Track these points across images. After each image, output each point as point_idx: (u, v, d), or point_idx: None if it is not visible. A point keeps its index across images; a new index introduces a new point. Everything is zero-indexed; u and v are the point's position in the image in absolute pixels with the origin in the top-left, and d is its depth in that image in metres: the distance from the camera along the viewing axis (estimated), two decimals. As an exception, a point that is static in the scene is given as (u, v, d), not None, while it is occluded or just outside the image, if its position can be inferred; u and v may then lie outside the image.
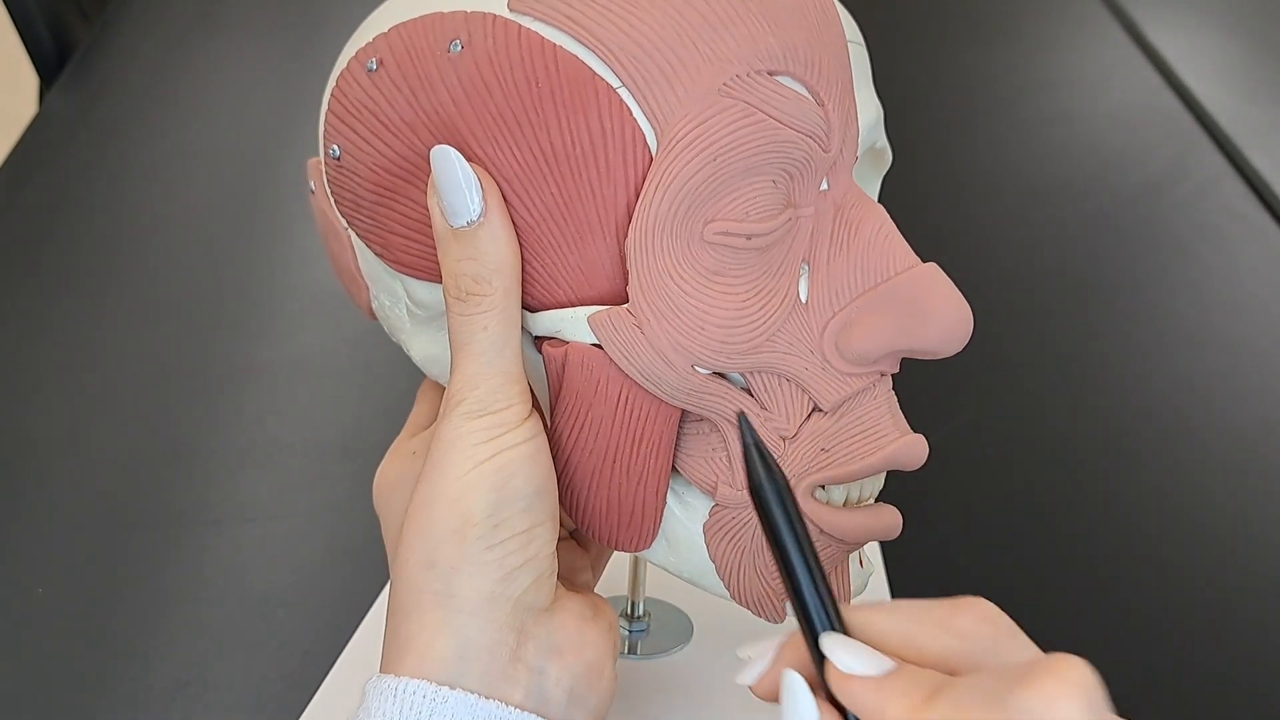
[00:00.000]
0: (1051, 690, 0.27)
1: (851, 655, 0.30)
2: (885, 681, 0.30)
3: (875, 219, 0.37)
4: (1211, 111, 1.00)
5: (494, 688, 0.36)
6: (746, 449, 0.32)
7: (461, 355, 0.37)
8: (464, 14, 0.36)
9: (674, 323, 0.35)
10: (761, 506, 0.32)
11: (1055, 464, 0.68)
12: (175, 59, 1.09)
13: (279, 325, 0.77)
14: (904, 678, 0.30)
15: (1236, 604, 0.60)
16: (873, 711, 0.29)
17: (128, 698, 0.54)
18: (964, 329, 0.36)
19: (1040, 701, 0.27)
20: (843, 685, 0.30)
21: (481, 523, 0.36)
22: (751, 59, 0.35)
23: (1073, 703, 0.27)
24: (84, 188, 0.91)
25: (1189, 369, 0.76)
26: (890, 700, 0.29)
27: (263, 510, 0.63)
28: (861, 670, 0.30)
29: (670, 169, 0.34)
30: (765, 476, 0.32)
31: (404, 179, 0.37)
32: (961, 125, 1.02)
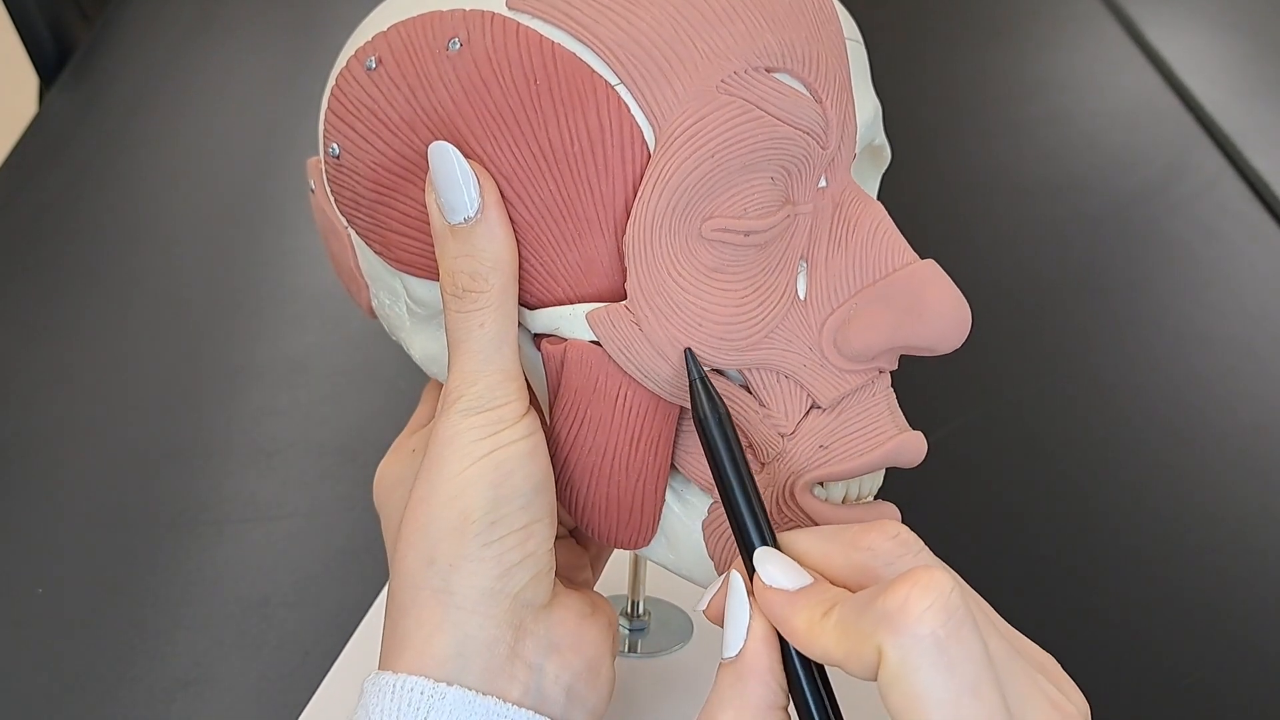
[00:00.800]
0: (904, 592, 0.29)
1: (776, 569, 0.33)
2: (797, 595, 0.33)
3: (873, 216, 0.37)
4: (1211, 111, 1.00)
5: (492, 684, 0.36)
6: (692, 382, 0.36)
7: (458, 352, 0.37)
8: (463, 12, 0.36)
9: (672, 320, 0.35)
10: (705, 435, 0.35)
11: (1055, 463, 0.68)
12: (175, 59, 1.09)
13: (279, 325, 0.77)
14: (812, 592, 0.32)
15: (1237, 605, 0.60)
16: (783, 620, 0.32)
17: (128, 698, 0.54)
18: (962, 325, 0.36)
19: (894, 603, 0.29)
20: (763, 596, 0.33)
21: (479, 519, 0.36)
22: (749, 56, 0.35)
23: (923, 602, 0.29)
24: (84, 188, 0.91)
25: (1189, 369, 0.76)
26: (797, 611, 0.32)
27: (263, 510, 0.63)
28: (782, 583, 0.33)
29: (668, 166, 0.34)
30: (709, 407, 0.35)
31: (403, 177, 0.37)
32: (961, 124, 1.02)
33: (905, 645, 0.29)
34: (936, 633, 0.29)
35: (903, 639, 0.29)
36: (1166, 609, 0.60)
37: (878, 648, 0.29)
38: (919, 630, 0.29)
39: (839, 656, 0.31)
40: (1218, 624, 0.59)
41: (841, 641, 0.31)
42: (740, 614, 0.33)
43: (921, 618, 0.29)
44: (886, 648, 0.29)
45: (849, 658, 0.30)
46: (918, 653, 0.29)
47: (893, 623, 0.29)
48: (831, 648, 0.31)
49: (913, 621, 0.29)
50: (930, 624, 0.29)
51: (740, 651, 0.33)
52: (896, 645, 0.29)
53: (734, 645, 0.33)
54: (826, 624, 0.31)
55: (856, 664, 0.30)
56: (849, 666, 0.30)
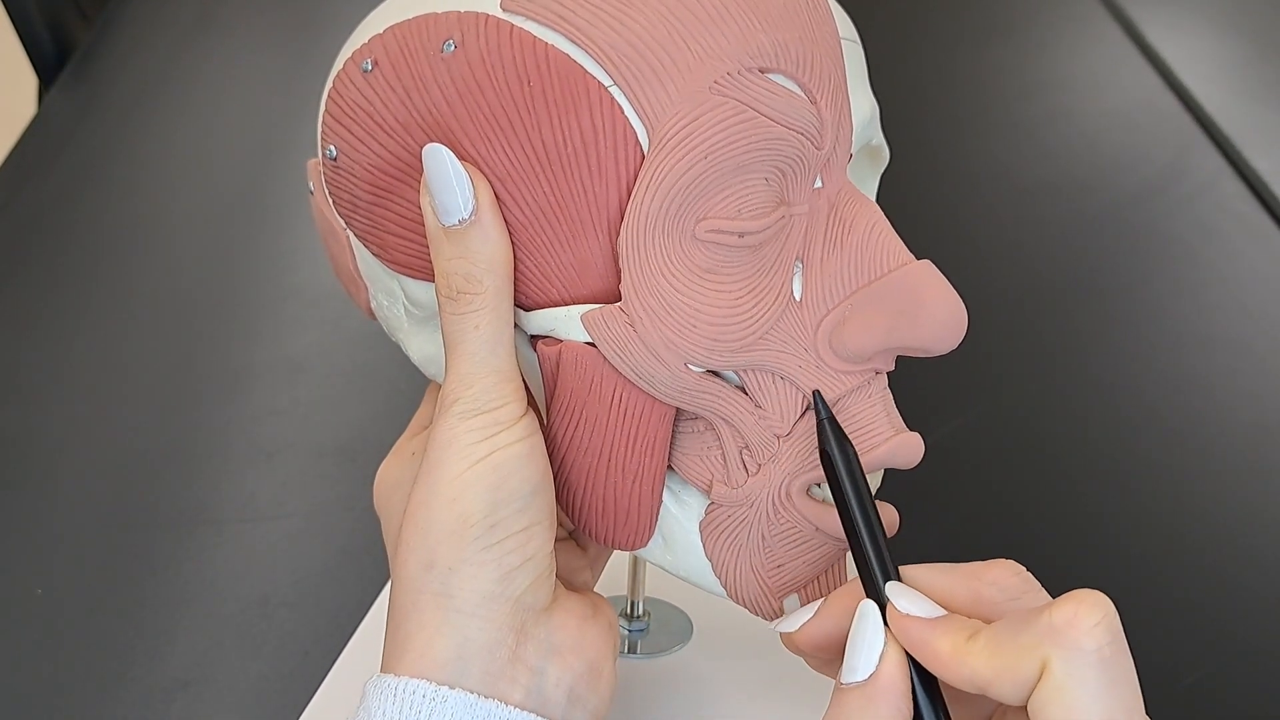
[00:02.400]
0: (1073, 608, 0.30)
1: (910, 600, 0.34)
2: (936, 622, 0.34)
3: (869, 216, 0.37)
4: (1210, 112, 1.00)
5: (493, 688, 0.36)
6: (820, 424, 0.37)
7: (454, 355, 0.37)
8: (457, 14, 0.36)
9: (666, 321, 0.35)
10: (832, 473, 0.37)
11: (1054, 462, 0.69)
12: (175, 59, 1.09)
13: (279, 325, 0.77)
14: (951, 619, 0.34)
15: (1237, 605, 0.60)
16: (924, 645, 0.33)
17: (128, 698, 0.54)
18: (958, 326, 0.36)
19: (1063, 617, 0.30)
20: (901, 623, 0.34)
21: (479, 523, 0.36)
22: (743, 56, 0.35)
23: (1092, 619, 0.30)
24: (83, 188, 0.91)
25: (1188, 368, 0.76)
26: (939, 636, 0.33)
27: (263, 510, 0.63)
28: (918, 612, 0.34)
29: (661, 167, 0.34)
30: (836, 446, 0.36)
31: (399, 179, 0.37)
32: (960, 124, 1.02)
33: (1072, 659, 0.30)
34: (1103, 650, 0.30)
35: (1071, 653, 0.30)
36: (1166, 609, 0.60)
37: (1041, 662, 0.30)
38: (1087, 645, 0.30)
39: (988, 676, 0.31)
40: (1218, 624, 0.59)
41: (993, 660, 0.31)
42: (875, 640, 0.34)
43: (1091, 633, 0.30)
44: (1054, 661, 0.30)
45: (1001, 675, 0.31)
46: (1084, 667, 0.30)
47: (1061, 637, 0.30)
48: (981, 668, 0.32)
49: (1082, 636, 0.30)
50: (1098, 640, 0.30)
51: (874, 674, 0.34)
52: (1064, 659, 0.30)
53: (865, 669, 0.34)
54: (974, 646, 0.32)
55: (1010, 681, 0.31)
56: (999, 685, 0.31)
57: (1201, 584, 0.61)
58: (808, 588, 0.40)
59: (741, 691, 0.51)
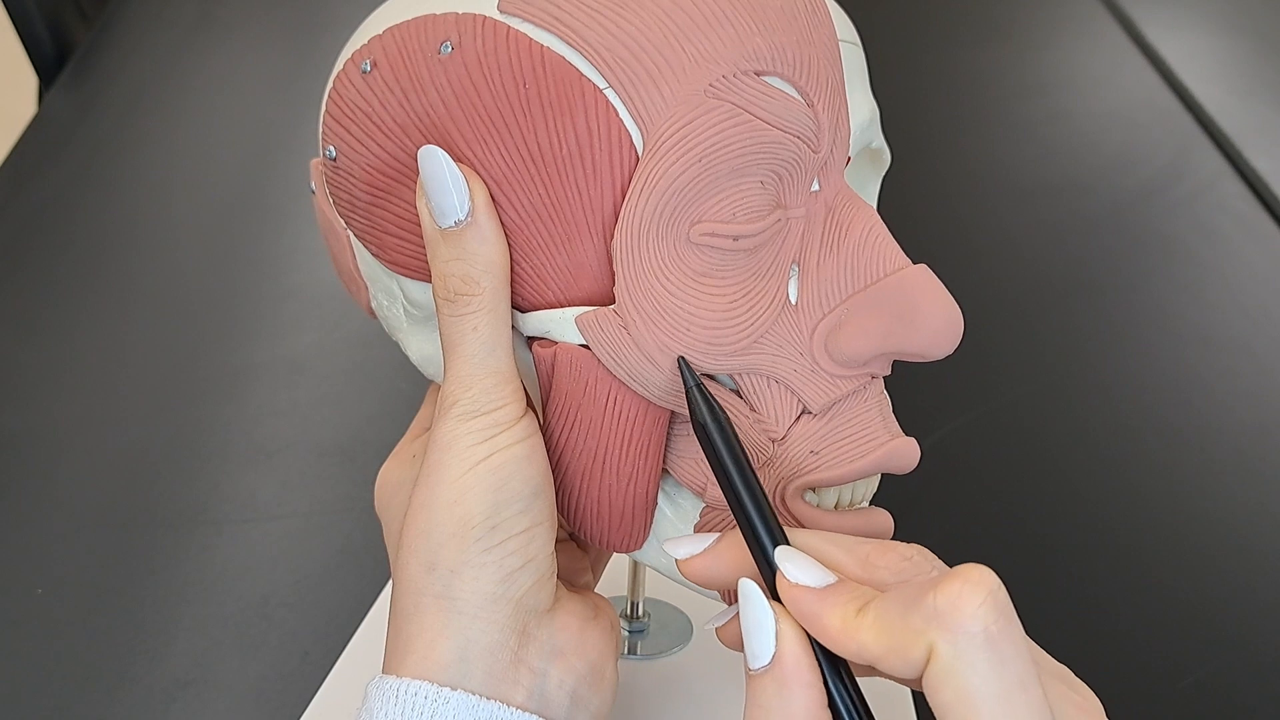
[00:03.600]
0: (956, 589, 0.29)
1: (800, 568, 0.33)
2: (826, 592, 0.32)
3: (865, 220, 0.37)
4: (1210, 111, 1.00)
5: (495, 689, 0.36)
6: (689, 388, 0.36)
7: (453, 356, 0.37)
8: (455, 15, 0.36)
9: (660, 324, 0.35)
10: (706, 441, 0.35)
11: (1050, 467, 0.69)
12: (175, 59, 1.09)
13: (279, 325, 0.77)
14: (842, 590, 0.32)
15: (1237, 604, 0.61)
16: (814, 617, 0.32)
17: (128, 698, 0.54)
18: (954, 332, 0.36)
19: (946, 600, 0.29)
20: (790, 593, 0.33)
21: (480, 525, 0.36)
22: (739, 60, 0.35)
23: (976, 599, 0.29)
24: (83, 188, 0.91)
25: (1188, 368, 0.76)
26: (829, 608, 0.32)
27: (263, 510, 0.63)
28: (808, 581, 0.33)
29: (656, 170, 0.34)
30: (708, 414, 0.35)
31: (397, 180, 0.37)
32: (960, 125, 1.02)
33: (959, 642, 0.29)
34: (989, 629, 0.29)
35: (956, 635, 0.29)
36: (1166, 609, 0.60)
37: (928, 645, 0.29)
38: (972, 627, 0.29)
39: (877, 653, 0.30)
40: (1218, 624, 0.59)
41: (882, 638, 0.30)
42: (764, 620, 0.32)
43: (975, 614, 0.29)
44: (939, 644, 0.29)
45: (890, 654, 0.30)
46: (971, 649, 0.29)
47: (945, 619, 0.29)
48: (870, 644, 0.31)
49: (966, 618, 0.29)
50: (983, 620, 0.29)
51: (776, 657, 0.32)
52: (950, 642, 0.29)
53: (764, 653, 0.32)
54: (863, 621, 0.31)
55: (899, 661, 0.30)
56: (888, 663, 0.30)
57: (1201, 584, 0.61)
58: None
59: (741, 692, 0.51)
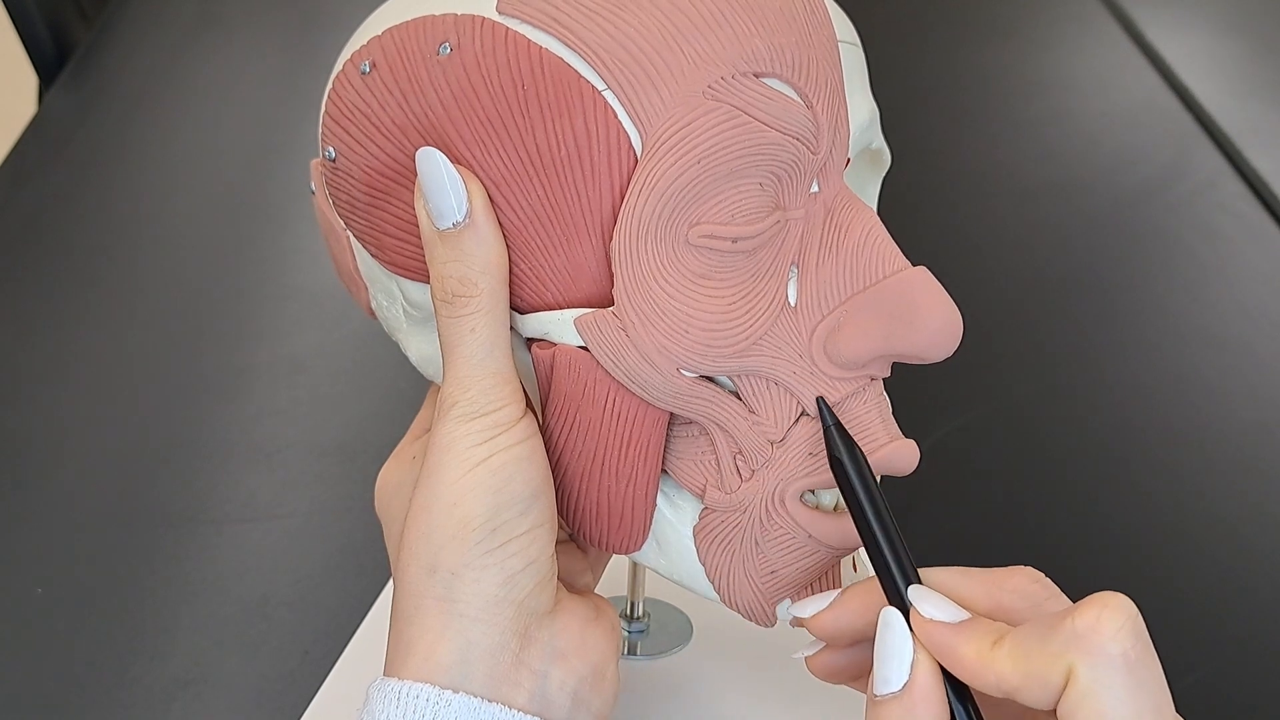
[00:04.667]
0: (1097, 612, 0.30)
1: (933, 604, 0.34)
2: (960, 626, 0.33)
3: (864, 221, 0.37)
4: (1210, 111, 1.00)
5: (497, 691, 0.36)
6: (826, 429, 0.37)
7: (452, 358, 0.37)
8: (454, 17, 0.36)
9: (658, 326, 0.35)
10: (844, 478, 0.36)
11: (1051, 467, 0.68)
12: (175, 59, 1.09)
13: (279, 325, 0.77)
14: (975, 624, 0.33)
15: (1237, 604, 0.60)
16: (949, 650, 0.33)
17: (128, 697, 0.54)
18: (953, 334, 0.36)
19: (1086, 623, 0.30)
20: (925, 628, 0.34)
21: (480, 527, 0.36)
22: (737, 61, 0.35)
23: (1115, 622, 0.30)
24: (83, 188, 0.91)
25: (1188, 367, 0.76)
26: (965, 641, 0.33)
27: (263, 510, 0.63)
28: (941, 617, 0.34)
29: (654, 172, 0.34)
30: (845, 452, 0.36)
31: (396, 181, 0.37)
32: (960, 125, 1.02)
33: (1098, 664, 0.30)
34: (1128, 653, 0.30)
35: (1096, 658, 0.30)
36: (1167, 607, 0.60)
37: (1067, 668, 0.30)
38: (1112, 649, 0.30)
39: (1015, 682, 0.31)
40: (1218, 623, 0.59)
41: (1020, 666, 0.31)
42: (903, 649, 0.34)
43: (1115, 637, 0.30)
44: (1079, 667, 0.30)
45: (1028, 681, 0.31)
46: (1110, 672, 0.30)
47: (1085, 643, 0.30)
48: (1008, 674, 0.32)
49: (1107, 641, 0.30)
50: (1123, 644, 0.30)
51: (908, 684, 0.33)
52: (1090, 665, 0.30)
53: (896, 680, 0.33)
54: (999, 652, 0.32)
55: (1037, 687, 0.31)
56: (1026, 690, 0.31)
57: (1202, 582, 0.62)
58: (801, 594, 0.40)
59: (741, 693, 0.51)
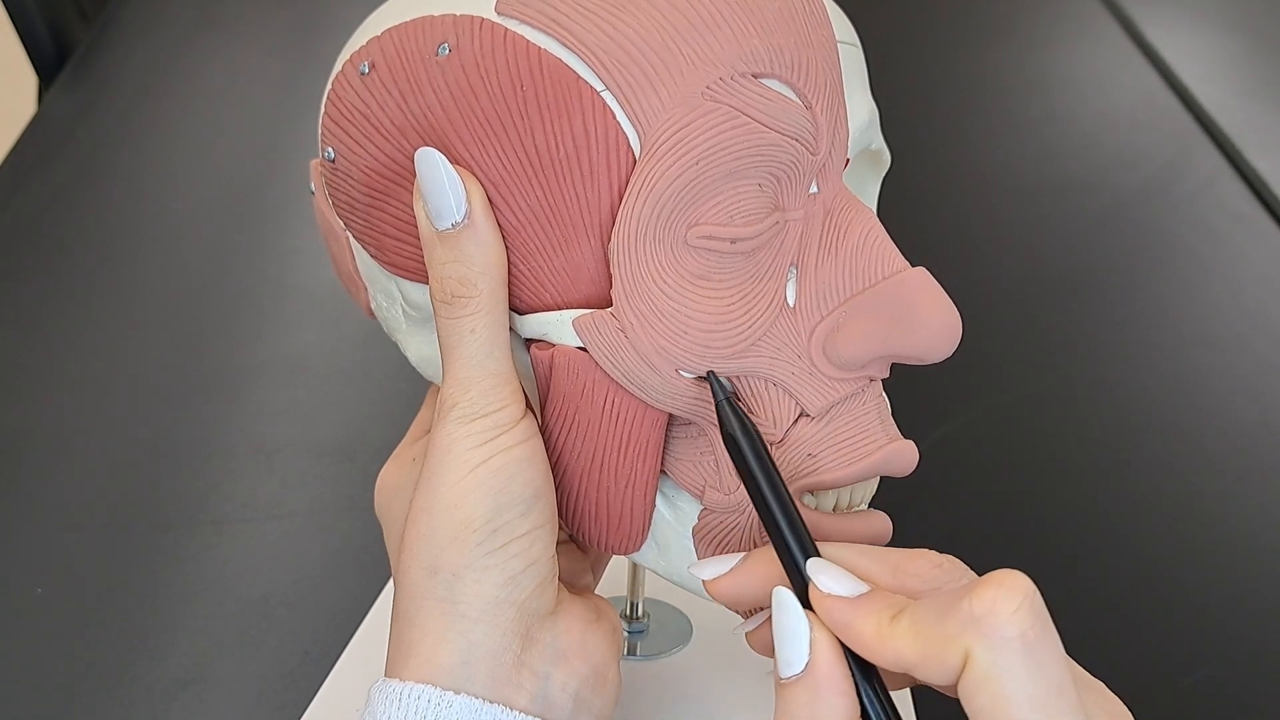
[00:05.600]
0: (992, 594, 0.30)
1: (832, 578, 0.33)
2: (858, 601, 0.33)
3: (864, 222, 0.37)
4: (1210, 111, 1.00)
5: (499, 693, 0.36)
6: (718, 402, 0.36)
7: (451, 359, 0.37)
8: (453, 17, 0.36)
9: (657, 326, 0.35)
10: (737, 453, 0.36)
11: (1051, 467, 0.69)
12: (175, 59, 1.09)
13: (279, 325, 0.77)
14: (874, 598, 0.33)
15: (1237, 603, 0.61)
16: (847, 625, 0.32)
17: (128, 698, 0.54)
18: (952, 335, 0.36)
19: (982, 605, 0.30)
20: (822, 603, 0.33)
21: (481, 528, 0.36)
22: (736, 62, 0.35)
23: (1011, 604, 0.29)
24: (83, 187, 0.91)
25: (1188, 367, 0.76)
26: (863, 616, 0.32)
27: (263, 510, 0.63)
28: (840, 591, 0.33)
29: (653, 173, 0.34)
30: (738, 426, 0.36)
31: (395, 182, 0.37)
32: (959, 125, 1.02)
33: (995, 647, 0.29)
34: (1026, 634, 0.29)
35: (993, 641, 0.29)
36: (1167, 607, 0.60)
37: (964, 651, 0.30)
38: (1008, 632, 0.29)
39: (913, 660, 0.31)
40: (1218, 623, 0.59)
41: (918, 645, 0.31)
42: (798, 628, 0.33)
43: (1011, 619, 0.29)
44: (976, 650, 0.29)
45: (926, 661, 0.30)
46: (1008, 654, 0.29)
47: (981, 625, 0.29)
48: (905, 651, 0.31)
49: (1002, 623, 0.29)
50: (1019, 625, 0.29)
51: (809, 665, 0.32)
52: (987, 648, 0.29)
53: (798, 661, 0.32)
54: (898, 628, 0.31)
55: (935, 667, 0.30)
56: (924, 670, 0.31)
57: (1202, 582, 0.62)
58: None
59: (741, 693, 0.51)
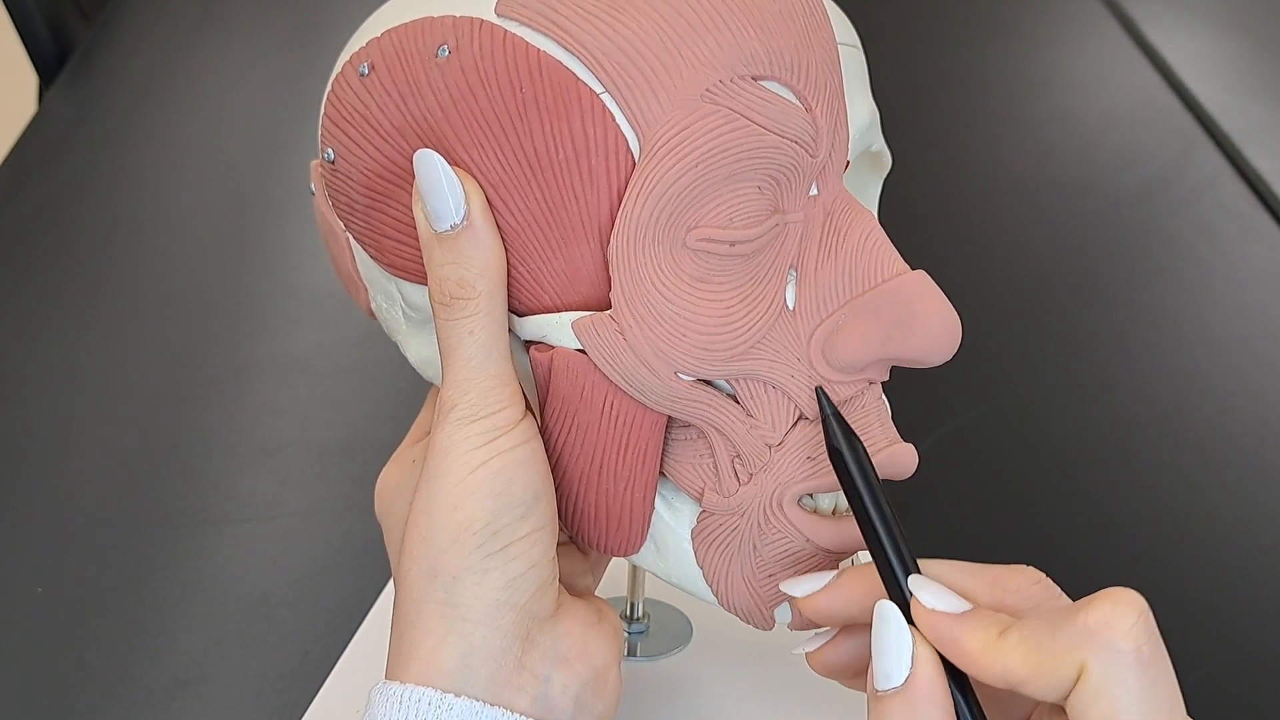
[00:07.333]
0: (1109, 608, 0.30)
1: (934, 595, 0.33)
2: (963, 617, 0.33)
3: (863, 225, 0.37)
4: (1211, 111, 1.00)
5: (499, 695, 0.36)
6: (824, 417, 0.36)
7: (450, 360, 0.37)
8: (452, 19, 0.36)
9: (656, 329, 0.35)
10: (842, 468, 0.36)
11: (1051, 467, 0.68)
12: (175, 59, 1.09)
13: (279, 325, 0.77)
14: (980, 614, 0.33)
15: (1238, 602, 0.61)
16: (952, 641, 0.32)
17: (128, 698, 0.54)
18: (951, 338, 0.36)
19: (1099, 619, 0.30)
20: (926, 618, 0.33)
21: (481, 530, 0.36)
22: (735, 64, 0.34)
23: (1128, 619, 0.30)
24: (83, 187, 0.91)
25: (1189, 367, 0.76)
26: (969, 632, 0.32)
27: (263, 510, 0.63)
28: (943, 607, 0.33)
29: (652, 175, 0.34)
30: (844, 441, 0.36)
31: (395, 183, 0.37)
32: (959, 125, 1.02)
33: (1111, 660, 0.30)
34: (1141, 650, 0.30)
35: (1109, 654, 0.30)
36: (1168, 606, 0.60)
37: (1078, 665, 0.30)
38: (1125, 646, 0.30)
39: (1023, 675, 0.31)
40: (1218, 622, 0.59)
41: (1028, 659, 0.31)
42: (902, 642, 0.33)
43: (1129, 633, 0.30)
44: (1092, 663, 0.30)
45: (1038, 675, 0.31)
46: (1124, 668, 0.30)
47: (1099, 639, 0.30)
48: (1015, 666, 0.31)
49: (1119, 637, 0.30)
50: (1136, 640, 0.30)
51: (909, 680, 0.32)
52: (1103, 660, 0.30)
53: (899, 674, 0.33)
54: (1006, 643, 0.31)
55: (1045, 681, 0.31)
56: (1034, 684, 0.31)
57: (1203, 581, 0.62)
58: None
59: (741, 694, 0.51)
